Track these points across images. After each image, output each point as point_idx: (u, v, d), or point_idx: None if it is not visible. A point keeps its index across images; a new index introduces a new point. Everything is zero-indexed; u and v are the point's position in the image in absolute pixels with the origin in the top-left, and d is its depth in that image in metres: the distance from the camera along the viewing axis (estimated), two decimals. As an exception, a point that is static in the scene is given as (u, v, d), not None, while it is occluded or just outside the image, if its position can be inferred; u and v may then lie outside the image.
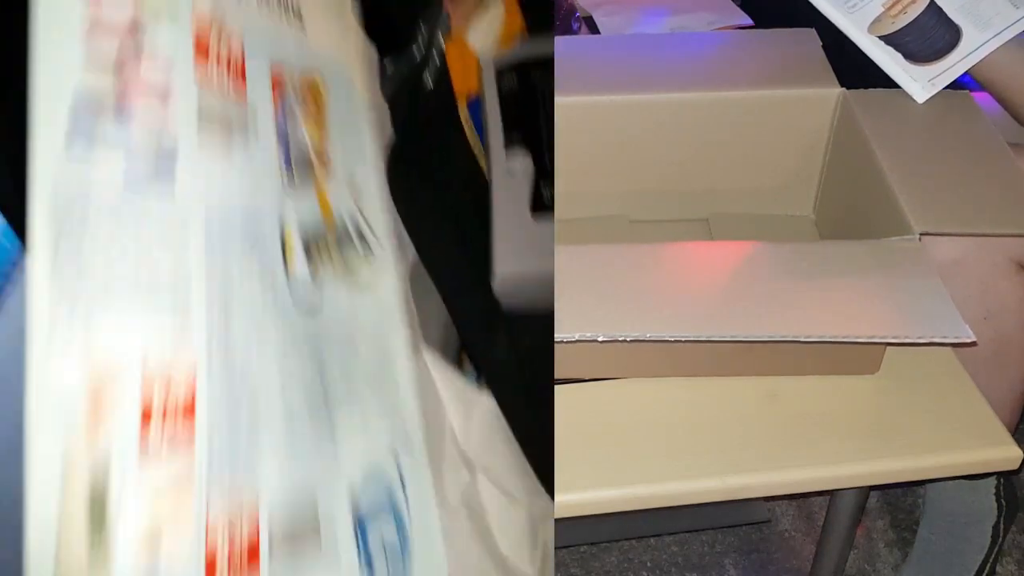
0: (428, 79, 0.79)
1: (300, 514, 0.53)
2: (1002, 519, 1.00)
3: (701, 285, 0.67)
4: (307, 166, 0.66)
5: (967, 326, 0.60)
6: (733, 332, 0.62)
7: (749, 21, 1.21)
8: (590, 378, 0.71)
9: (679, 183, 0.91)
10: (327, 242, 0.65)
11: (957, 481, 1.00)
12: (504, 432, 0.71)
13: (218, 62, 0.58)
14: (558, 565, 1.11)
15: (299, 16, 0.69)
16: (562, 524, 0.64)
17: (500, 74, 0.76)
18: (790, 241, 0.85)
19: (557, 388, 0.68)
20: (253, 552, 0.48)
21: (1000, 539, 1.01)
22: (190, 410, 0.48)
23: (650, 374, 0.71)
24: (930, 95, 0.82)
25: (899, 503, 1.20)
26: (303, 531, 0.53)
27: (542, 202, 0.71)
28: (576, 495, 0.63)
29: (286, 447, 0.54)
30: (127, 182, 0.49)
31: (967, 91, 0.84)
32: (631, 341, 0.61)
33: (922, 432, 0.66)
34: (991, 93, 0.86)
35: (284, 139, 0.64)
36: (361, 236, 0.69)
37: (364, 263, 0.68)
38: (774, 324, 0.62)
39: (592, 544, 1.14)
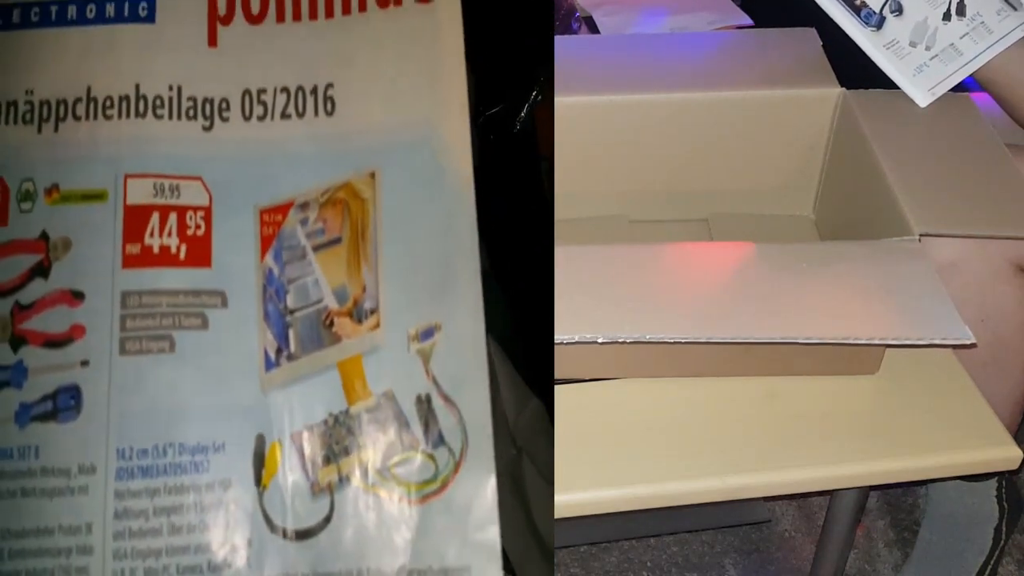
0: (522, 135, 0.69)
1: None
2: (1004, 521, 1.00)
3: (701, 285, 0.67)
4: (321, 330, 0.54)
5: (967, 327, 0.60)
6: (733, 332, 0.62)
7: (749, 21, 1.21)
8: (590, 378, 0.71)
9: (679, 183, 0.91)
10: (350, 434, 0.53)
11: (957, 482, 1.00)
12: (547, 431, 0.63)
13: (163, 241, 0.51)
14: (558, 565, 1.11)
15: (327, 100, 0.57)
16: (562, 524, 0.64)
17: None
18: (790, 241, 0.85)
19: (557, 388, 0.68)
20: None
21: (1002, 541, 1.01)
22: None
23: (650, 374, 0.71)
24: (931, 101, 0.82)
25: (899, 503, 1.19)
26: None
27: None
28: (576, 495, 0.63)
29: None
30: (21, 413, 0.46)
31: (967, 93, 0.84)
32: (631, 342, 0.61)
33: (922, 432, 0.66)
34: (992, 95, 0.86)
35: (278, 301, 0.54)
36: (428, 422, 0.55)
37: (426, 463, 0.55)
38: (774, 324, 0.62)
39: (592, 544, 1.14)
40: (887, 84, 0.83)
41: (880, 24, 0.82)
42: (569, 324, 0.61)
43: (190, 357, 0.51)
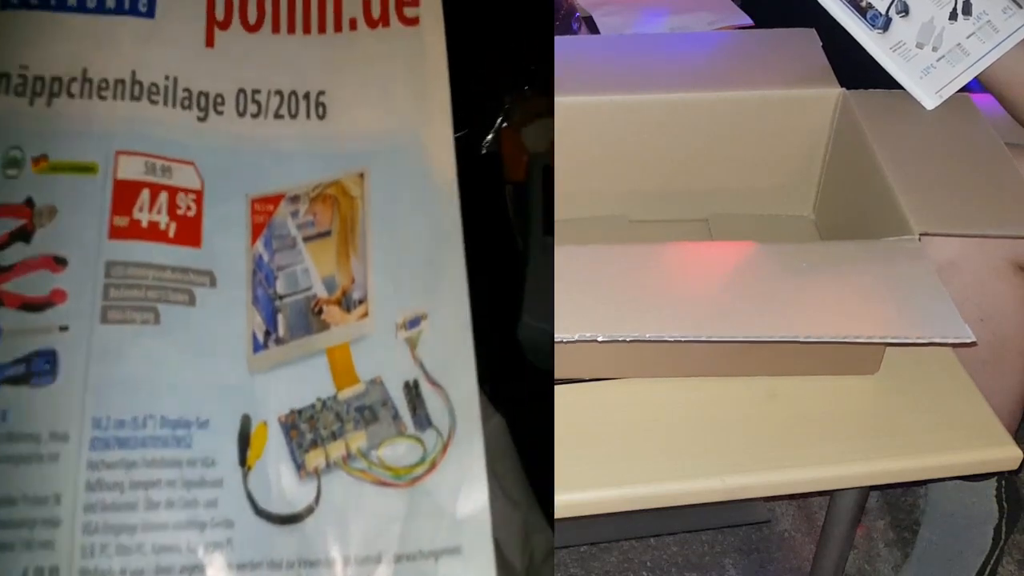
0: (488, 157, 0.73)
1: None
2: (1004, 521, 1.00)
3: (701, 285, 0.67)
4: (310, 317, 0.55)
5: (967, 326, 0.60)
6: (733, 332, 0.62)
7: (749, 21, 1.21)
8: (590, 378, 0.71)
9: (679, 183, 0.91)
10: (338, 419, 0.53)
11: (957, 482, 1.00)
12: (512, 449, 0.64)
13: (152, 217, 0.50)
14: (558, 565, 1.11)
15: (319, 105, 0.58)
16: (562, 524, 0.64)
17: (544, 171, 0.74)
18: (790, 241, 0.85)
19: (557, 388, 0.68)
20: None
21: (1002, 541, 1.01)
22: None
23: (650, 374, 0.71)
24: (937, 104, 0.82)
25: (899, 503, 1.20)
26: None
27: None
28: (576, 495, 0.63)
29: None
30: None
31: (966, 93, 0.84)
32: (631, 341, 0.61)
33: (922, 432, 0.66)
34: (995, 95, 0.86)
35: (267, 287, 0.54)
36: (416, 406, 0.56)
37: (413, 446, 0.55)
38: (774, 324, 0.62)
39: (592, 544, 1.14)
40: (887, 84, 0.83)
41: (886, 26, 0.81)
42: (569, 323, 0.61)
43: (175, 331, 0.50)
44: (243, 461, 0.50)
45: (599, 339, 0.61)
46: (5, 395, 0.45)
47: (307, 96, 0.59)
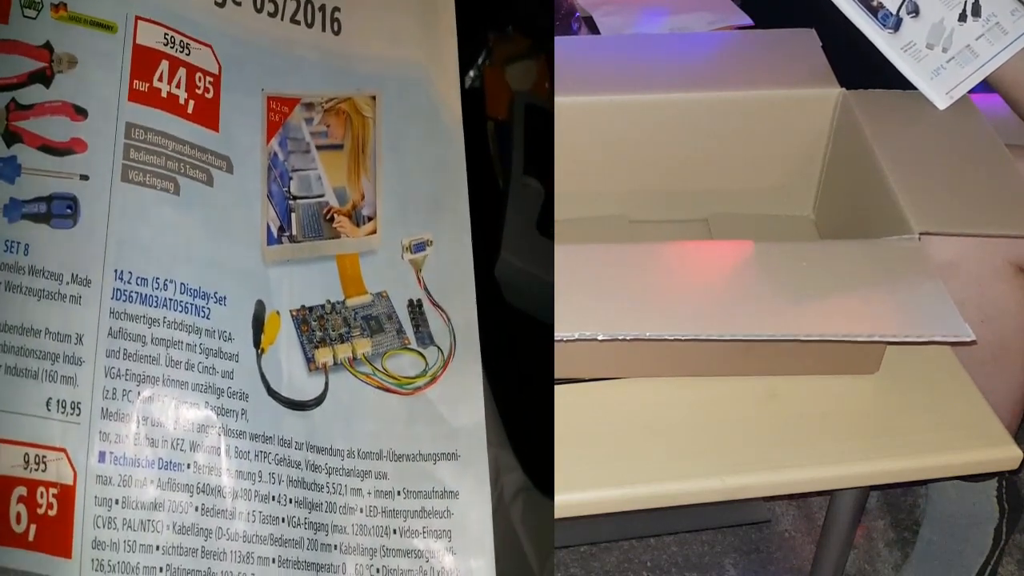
0: (473, 92, 0.76)
1: None
2: (1004, 521, 1.00)
3: (701, 285, 0.67)
4: (322, 223, 0.56)
5: (967, 325, 0.60)
6: (733, 332, 0.62)
7: (749, 21, 1.21)
8: (590, 378, 0.71)
9: (679, 183, 0.91)
10: (346, 324, 0.55)
11: (957, 482, 1.00)
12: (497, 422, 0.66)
13: (169, 88, 0.51)
14: (558, 565, 1.11)
15: (334, 21, 0.59)
16: (562, 524, 0.64)
17: (528, 111, 0.76)
18: (790, 241, 0.85)
19: (557, 388, 0.68)
20: None
21: (1002, 542, 1.01)
22: (65, 525, 0.43)
23: (650, 374, 0.70)
24: (948, 104, 0.82)
25: (899, 503, 1.19)
26: None
27: (547, 225, 0.72)
28: (576, 495, 0.63)
29: None
30: (10, 207, 0.45)
31: (967, 94, 0.84)
32: (631, 340, 0.61)
33: (922, 432, 0.66)
34: (1002, 95, 0.86)
35: (281, 184, 0.55)
36: (419, 324, 0.58)
37: (416, 359, 0.58)
38: (774, 324, 0.62)
39: (592, 544, 1.14)
40: (887, 84, 0.83)
41: (897, 26, 0.82)
42: (570, 322, 0.61)
43: (195, 206, 0.50)
44: (257, 343, 0.51)
45: (599, 338, 0.61)
46: (27, 230, 0.45)
47: (323, 8, 0.59)
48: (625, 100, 0.86)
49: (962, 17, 0.83)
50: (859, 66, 0.85)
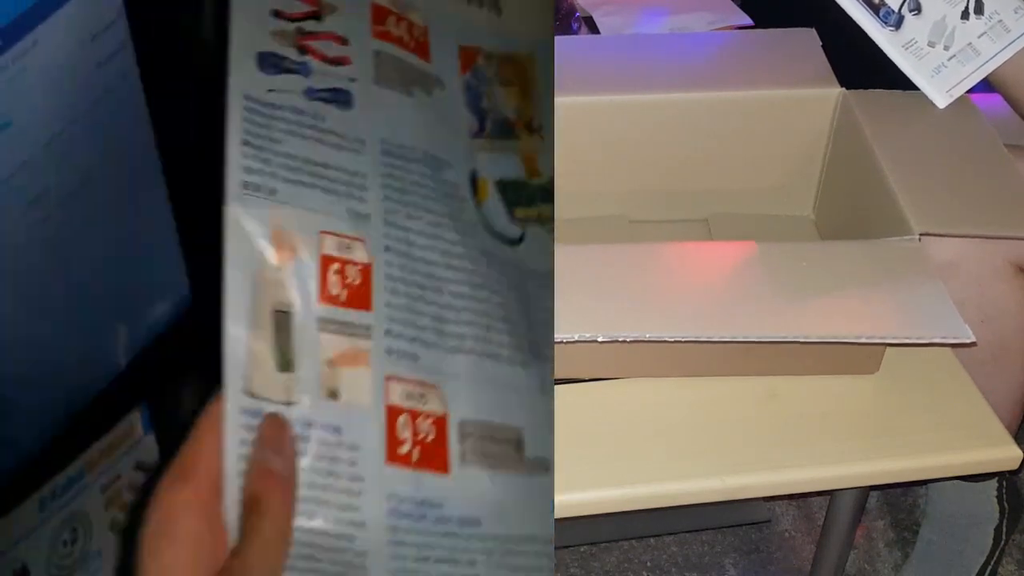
0: None
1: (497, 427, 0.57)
2: (1004, 521, 1.00)
3: (701, 285, 0.67)
4: (508, 128, 0.70)
5: (967, 326, 0.60)
6: (733, 332, 0.62)
7: (749, 21, 1.21)
8: (590, 378, 0.71)
9: (679, 183, 0.91)
10: (535, 200, 0.68)
11: (957, 482, 1.00)
12: None
13: (398, 32, 0.67)
14: (558, 565, 1.11)
15: (495, 6, 0.74)
16: (562, 524, 0.64)
17: None
18: (790, 241, 0.85)
19: (557, 388, 0.68)
20: (440, 442, 0.54)
21: (1003, 542, 1.01)
22: (366, 285, 0.56)
23: (650, 374, 0.71)
24: (949, 102, 0.82)
25: (899, 503, 1.20)
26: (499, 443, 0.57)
27: None
28: (576, 495, 0.63)
29: (480, 355, 0.58)
30: (308, 91, 0.60)
31: (967, 93, 0.84)
32: (631, 341, 0.61)
33: (922, 432, 0.67)
34: (1003, 94, 0.86)
35: (476, 101, 0.69)
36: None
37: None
38: (774, 324, 0.62)
39: (592, 544, 1.14)
40: (887, 84, 0.83)
41: (899, 23, 0.82)
42: (569, 323, 0.61)
43: (424, 107, 0.65)
44: (474, 194, 0.64)
45: (599, 339, 0.61)
46: (319, 106, 0.61)
47: None
48: (625, 100, 0.86)
49: (964, 15, 0.82)
50: (859, 66, 0.85)
